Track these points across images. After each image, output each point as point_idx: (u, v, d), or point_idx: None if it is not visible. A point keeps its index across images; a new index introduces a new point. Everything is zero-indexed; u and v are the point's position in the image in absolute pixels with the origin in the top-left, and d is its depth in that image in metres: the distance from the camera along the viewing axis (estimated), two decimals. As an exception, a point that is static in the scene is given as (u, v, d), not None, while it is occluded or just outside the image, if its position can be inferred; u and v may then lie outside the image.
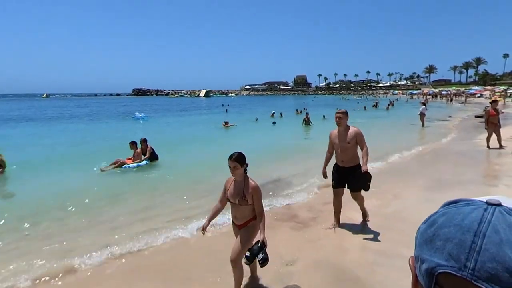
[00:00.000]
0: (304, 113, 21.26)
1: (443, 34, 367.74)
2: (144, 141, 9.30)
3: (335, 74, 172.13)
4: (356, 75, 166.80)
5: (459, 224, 0.45)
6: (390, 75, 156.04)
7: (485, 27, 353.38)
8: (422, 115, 17.09)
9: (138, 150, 9.08)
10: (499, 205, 0.46)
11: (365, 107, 33.86)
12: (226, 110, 37.16)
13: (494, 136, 9.72)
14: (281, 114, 26.68)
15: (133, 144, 9.11)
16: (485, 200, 0.47)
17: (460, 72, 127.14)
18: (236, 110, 40.10)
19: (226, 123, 19.84)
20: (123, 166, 8.79)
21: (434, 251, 0.46)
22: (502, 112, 24.29)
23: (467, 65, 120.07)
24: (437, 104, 42.34)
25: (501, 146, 9.68)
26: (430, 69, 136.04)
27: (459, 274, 0.42)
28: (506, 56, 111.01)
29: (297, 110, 29.79)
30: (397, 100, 56.30)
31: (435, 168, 7.81)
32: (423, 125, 16.99)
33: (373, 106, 37.35)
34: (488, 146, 9.78)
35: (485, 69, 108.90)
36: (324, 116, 23.43)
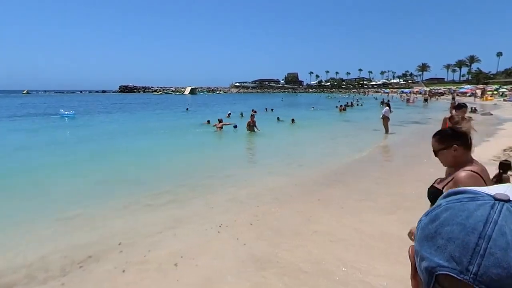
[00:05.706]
0: (273, 113, 16.68)
1: (437, 33, 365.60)
2: None
3: (327, 72, 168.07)
4: (348, 73, 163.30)
5: (463, 223, 0.41)
6: (382, 73, 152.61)
7: (479, 26, 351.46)
8: (385, 118, 13.22)
9: None
10: (508, 200, 0.41)
11: (342, 106, 29.15)
12: (187, 109, 33.31)
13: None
14: (241, 114, 23.07)
15: None
16: (493, 194, 0.42)
17: (453, 71, 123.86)
18: (201, 108, 36.10)
19: (220, 121, 14.97)
20: None
21: (435, 250, 0.42)
22: (491, 114, 20.67)
23: (460, 64, 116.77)
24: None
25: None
26: (423, 68, 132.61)
27: (460, 277, 0.39)
28: (499, 54, 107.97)
29: (262, 109, 25.67)
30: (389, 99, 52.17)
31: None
32: (386, 131, 13.18)
33: (346, 105, 31.62)
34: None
35: (478, 68, 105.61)
36: (278, 118, 19.45)
